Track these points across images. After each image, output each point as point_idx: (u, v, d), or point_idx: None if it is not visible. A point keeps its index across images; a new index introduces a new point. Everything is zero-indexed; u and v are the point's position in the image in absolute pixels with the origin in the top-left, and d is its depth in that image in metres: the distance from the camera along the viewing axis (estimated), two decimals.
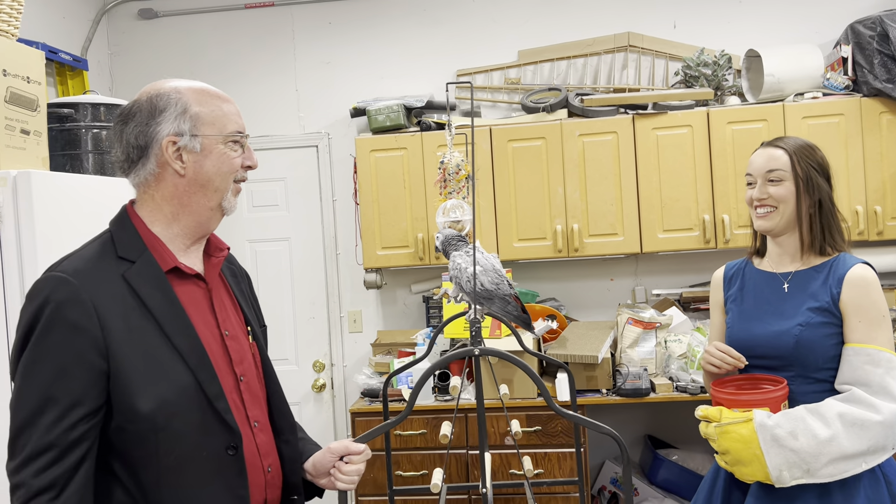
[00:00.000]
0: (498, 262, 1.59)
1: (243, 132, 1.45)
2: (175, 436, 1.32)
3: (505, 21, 3.88)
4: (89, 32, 3.90)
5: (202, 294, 1.45)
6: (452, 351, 1.70)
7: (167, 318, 1.35)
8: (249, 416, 1.45)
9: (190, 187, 1.40)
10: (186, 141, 1.38)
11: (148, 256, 1.38)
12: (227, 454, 1.37)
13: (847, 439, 1.70)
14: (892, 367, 1.73)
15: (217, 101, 1.43)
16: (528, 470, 1.98)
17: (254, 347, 1.52)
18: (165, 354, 1.33)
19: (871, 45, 3.28)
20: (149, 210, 1.41)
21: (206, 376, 1.36)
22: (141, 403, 1.29)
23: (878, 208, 3.32)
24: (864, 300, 1.79)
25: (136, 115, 1.38)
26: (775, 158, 1.89)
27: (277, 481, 1.49)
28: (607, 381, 3.21)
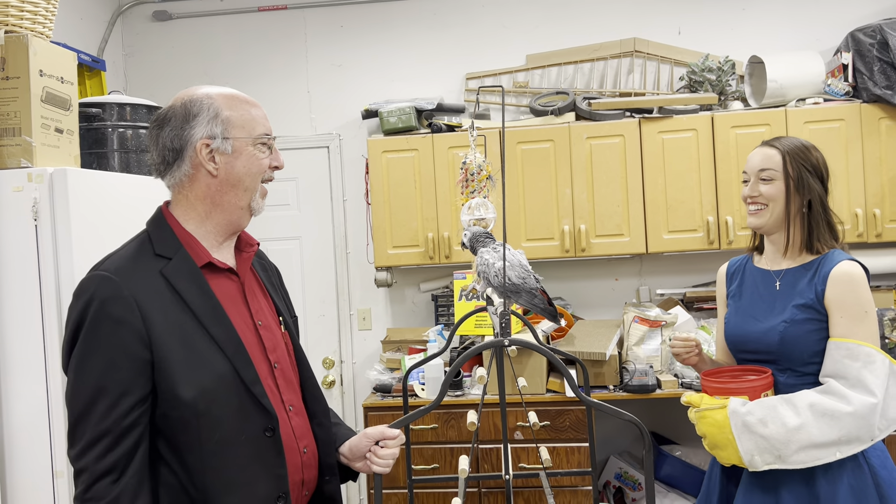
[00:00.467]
0: (524, 258, 1.67)
1: (270, 134, 1.54)
2: (215, 420, 1.40)
3: (514, 26, 3.97)
4: (105, 34, 3.97)
5: (235, 287, 1.53)
6: (483, 343, 1.78)
7: (203, 310, 1.43)
8: (284, 400, 1.52)
9: (222, 187, 1.48)
10: (219, 143, 1.46)
11: (183, 253, 1.46)
12: (265, 436, 1.45)
13: (816, 428, 1.77)
14: (870, 362, 1.80)
15: (246, 106, 1.52)
16: (546, 460, 2.06)
17: (286, 336, 1.60)
18: (203, 344, 1.41)
19: (871, 53, 3.38)
20: (183, 209, 1.50)
21: (242, 363, 1.44)
22: (183, 391, 1.37)
23: (876, 211, 3.41)
24: (848, 296, 1.85)
25: (172, 119, 1.48)
26: (769, 158, 1.97)
27: (313, 462, 1.56)
28: (614, 377, 3.29)
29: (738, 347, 2.04)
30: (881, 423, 1.80)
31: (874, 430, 1.79)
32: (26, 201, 2.15)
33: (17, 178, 2.15)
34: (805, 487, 1.84)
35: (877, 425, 1.79)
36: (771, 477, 1.87)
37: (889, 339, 3.18)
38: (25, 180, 2.15)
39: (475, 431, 2.10)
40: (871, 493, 1.81)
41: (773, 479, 1.87)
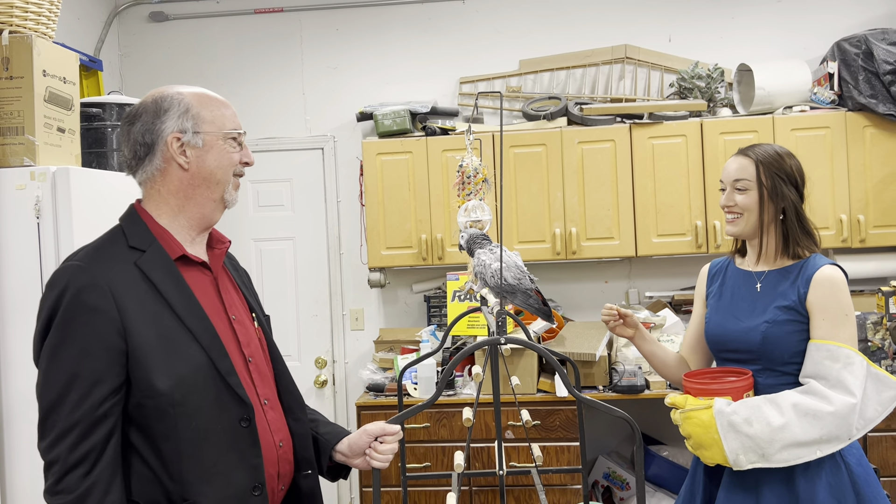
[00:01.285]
0: (519, 259, 1.72)
1: (241, 130, 1.57)
2: (192, 410, 1.40)
3: (507, 31, 4.02)
4: (102, 34, 4.00)
5: (209, 281, 1.55)
6: (478, 341, 1.83)
7: (179, 301, 1.45)
8: (259, 394, 1.53)
9: (194, 180, 1.51)
10: (189, 137, 1.49)
11: (157, 246, 1.47)
12: (241, 426, 1.45)
13: (799, 427, 1.83)
14: (850, 363, 1.86)
15: (216, 103, 1.55)
16: (538, 457, 2.11)
17: (259, 332, 1.61)
18: (179, 335, 1.43)
19: (857, 62, 3.46)
20: (155, 204, 1.51)
21: (217, 354, 1.45)
22: (158, 380, 1.38)
23: (861, 217, 3.49)
24: (829, 299, 1.90)
25: (143, 115, 1.50)
26: (743, 168, 2.01)
27: (289, 456, 1.57)
28: (604, 378, 3.35)
29: (718, 346, 2.08)
30: (859, 422, 1.86)
31: (852, 429, 1.84)
32: (29, 199, 2.18)
33: (20, 177, 2.19)
34: (785, 486, 1.89)
35: (855, 425, 1.84)
36: (752, 476, 1.92)
37: (872, 342, 3.26)
38: (28, 179, 2.19)
39: (469, 429, 2.15)
40: (848, 491, 1.87)
41: (754, 478, 1.91)
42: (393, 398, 3.41)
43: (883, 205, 3.50)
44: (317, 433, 1.68)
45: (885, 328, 3.26)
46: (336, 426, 1.73)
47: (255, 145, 4.15)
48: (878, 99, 3.42)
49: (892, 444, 3.12)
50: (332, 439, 1.67)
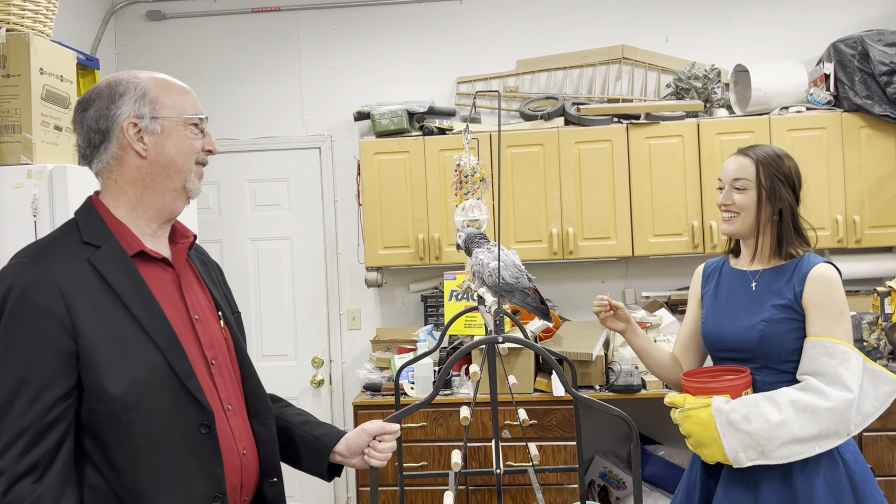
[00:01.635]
0: (517, 258, 1.73)
1: (202, 115, 1.48)
2: (147, 415, 1.33)
3: (505, 32, 4.03)
4: (98, 32, 3.99)
5: (170, 278, 1.46)
6: (476, 339, 1.83)
7: (134, 300, 1.36)
8: (222, 398, 1.46)
9: (153, 168, 1.42)
10: (147, 123, 1.40)
11: (113, 241, 1.39)
12: (201, 433, 1.38)
13: (798, 424, 1.84)
14: (846, 359, 1.88)
15: (175, 88, 1.47)
16: (535, 456, 2.11)
17: (225, 332, 1.53)
18: (134, 336, 1.35)
19: (853, 63, 3.47)
20: (112, 195, 1.43)
21: (175, 356, 1.37)
22: (111, 383, 1.31)
23: (856, 217, 3.50)
24: (825, 297, 1.92)
25: (97, 100, 1.41)
26: (743, 167, 2.03)
27: (253, 465, 1.50)
28: (600, 377, 3.36)
29: (716, 346, 2.10)
30: (856, 418, 1.87)
31: (850, 425, 1.86)
32: (26, 197, 2.18)
33: (17, 175, 2.18)
34: (783, 483, 1.91)
35: (853, 420, 1.86)
36: (750, 473, 1.93)
37: (867, 342, 3.27)
38: (25, 177, 2.19)
39: (466, 428, 2.15)
40: (846, 487, 1.88)
41: (753, 475, 1.93)
42: (390, 397, 3.41)
43: (878, 205, 3.51)
44: (312, 435, 1.63)
45: (880, 328, 3.27)
46: (330, 426, 1.68)
47: (252, 144, 4.15)
48: (874, 100, 3.43)
49: (887, 443, 3.13)
50: (329, 441, 1.62)
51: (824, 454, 1.89)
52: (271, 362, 4.15)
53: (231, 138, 4.14)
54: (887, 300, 3.34)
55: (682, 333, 2.25)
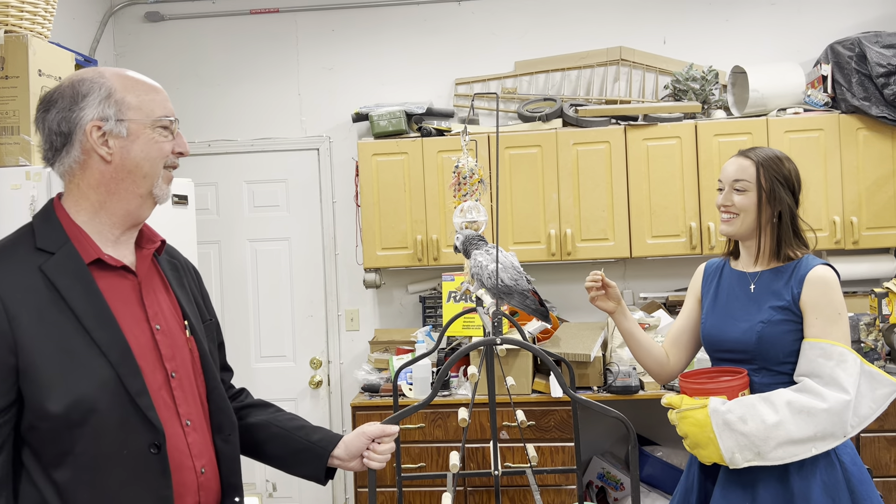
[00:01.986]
0: (516, 260, 1.73)
1: (172, 117, 1.41)
2: (93, 433, 1.27)
3: (503, 33, 4.03)
4: (97, 33, 3.99)
5: (130, 287, 1.39)
6: (474, 341, 1.83)
7: (86, 311, 1.30)
8: (181, 413, 1.39)
9: (117, 174, 1.35)
10: (112, 125, 1.33)
11: (69, 248, 1.33)
12: (150, 453, 1.32)
13: (794, 425, 1.85)
14: (843, 361, 1.88)
15: (143, 87, 1.39)
16: (533, 457, 2.12)
17: (191, 342, 1.47)
18: (83, 349, 1.28)
19: (850, 65, 3.48)
20: (74, 200, 1.37)
21: (127, 371, 1.30)
22: (52, 400, 1.25)
23: (853, 219, 3.51)
24: (822, 298, 1.93)
25: (59, 101, 1.35)
26: (743, 169, 2.04)
27: (213, 483, 1.44)
28: (598, 378, 3.36)
29: (714, 347, 2.11)
30: (853, 420, 1.88)
31: (847, 426, 1.86)
32: (24, 199, 2.18)
33: (16, 176, 2.18)
34: (780, 484, 1.91)
35: (849, 422, 1.87)
36: (748, 475, 1.94)
37: (865, 343, 3.28)
38: (23, 178, 2.19)
39: (465, 429, 2.15)
40: (843, 489, 1.89)
41: (750, 476, 1.93)
42: (388, 399, 3.41)
43: (876, 207, 3.52)
44: (309, 441, 1.60)
45: (877, 329, 3.27)
46: (326, 431, 1.65)
47: (250, 146, 4.15)
48: (872, 101, 3.44)
49: (884, 444, 3.14)
50: (327, 445, 1.60)
51: (821, 455, 1.89)
52: (270, 363, 4.15)
53: (229, 139, 4.14)
54: (885, 301, 3.35)
55: (674, 327, 2.25)
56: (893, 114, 3.42)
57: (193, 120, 4.13)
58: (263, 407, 1.68)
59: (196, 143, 4.14)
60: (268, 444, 1.62)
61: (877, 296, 3.34)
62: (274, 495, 4.08)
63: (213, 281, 4.16)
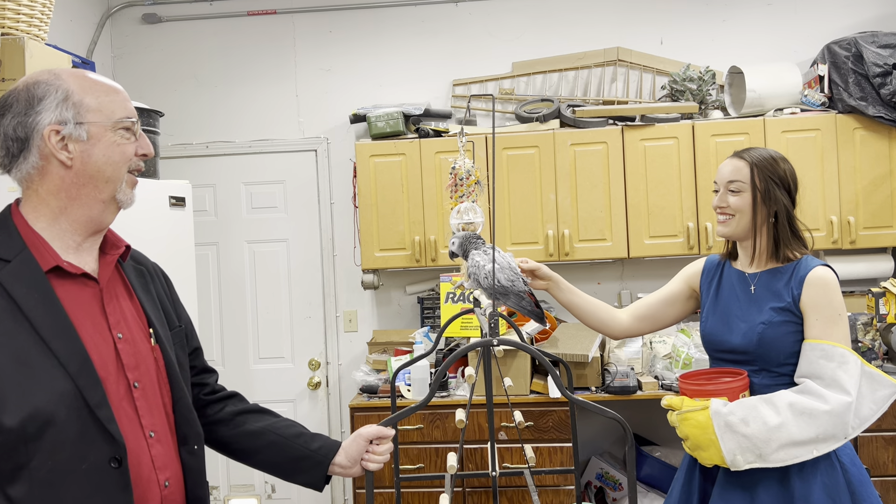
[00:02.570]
0: (514, 261, 1.73)
1: (133, 118, 1.37)
2: (50, 447, 1.23)
3: (500, 34, 4.04)
4: (94, 35, 3.99)
5: (91, 295, 1.35)
6: (471, 343, 1.83)
7: (44, 320, 1.26)
8: (144, 425, 1.35)
9: (78, 179, 1.31)
10: (71, 129, 1.29)
11: (26, 255, 1.29)
12: (110, 467, 1.27)
13: (796, 427, 1.85)
14: (844, 362, 1.88)
15: (102, 88, 1.35)
16: (531, 458, 2.12)
17: (156, 351, 1.42)
18: (39, 359, 1.24)
19: (847, 65, 3.48)
20: (32, 206, 1.33)
21: (86, 382, 1.26)
22: (7, 414, 1.20)
23: (851, 219, 3.52)
24: (822, 299, 1.93)
25: (14, 105, 1.31)
26: (738, 170, 2.04)
27: (178, 497, 1.41)
28: (596, 379, 3.36)
29: (714, 348, 2.10)
30: (854, 421, 1.88)
31: (848, 428, 1.86)
32: None
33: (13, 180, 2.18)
34: (780, 486, 1.91)
35: (850, 423, 1.87)
36: (748, 476, 1.93)
37: (862, 342, 3.28)
38: None
39: (462, 430, 2.16)
40: (843, 491, 1.89)
41: (750, 478, 1.93)
42: (386, 400, 3.41)
43: (873, 206, 3.52)
44: (309, 449, 1.59)
45: (874, 329, 3.28)
46: (325, 438, 1.64)
47: (248, 147, 4.15)
48: (868, 101, 3.45)
49: (882, 443, 3.14)
50: (328, 453, 1.59)
51: (822, 457, 1.89)
52: (268, 365, 4.15)
53: (227, 141, 4.14)
54: (882, 301, 3.36)
55: (647, 299, 2.26)
56: (890, 113, 3.43)
57: (191, 121, 4.13)
58: (261, 413, 1.67)
59: (194, 145, 4.14)
60: (266, 451, 1.61)
61: (874, 295, 3.34)
62: (272, 496, 4.08)
63: (211, 283, 4.16)
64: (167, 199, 2.90)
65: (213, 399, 1.65)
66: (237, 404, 1.67)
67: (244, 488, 3.33)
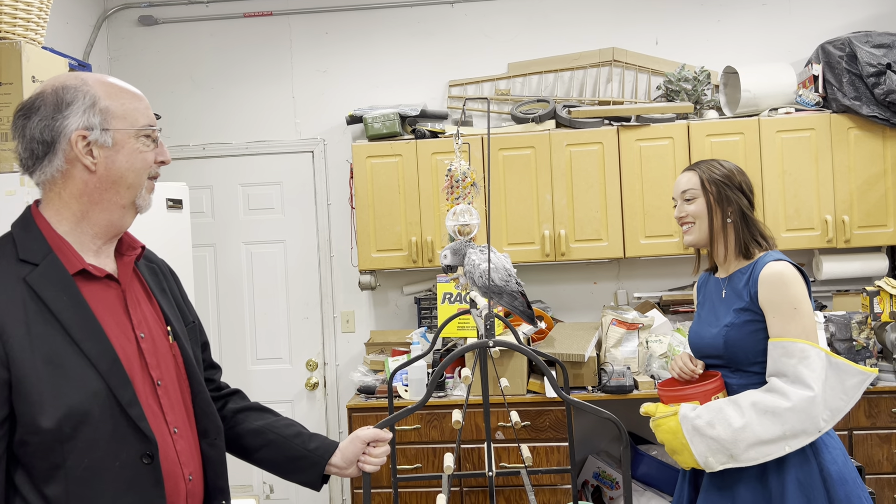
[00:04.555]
0: (509, 262, 1.75)
1: (154, 126, 1.40)
2: (85, 446, 1.25)
3: (495, 35, 4.05)
4: (91, 38, 4.00)
5: (115, 296, 1.38)
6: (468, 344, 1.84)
7: (74, 322, 1.28)
8: (168, 421, 1.38)
9: (101, 184, 1.34)
10: (97, 135, 1.32)
11: (53, 258, 1.31)
12: (143, 463, 1.31)
13: (760, 426, 1.88)
14: (805, 357, 1.91)
15: (126, 95, 1.38)
16: (528, 458, 2.13)
17: (174, 348, 1.45)
18: (72, 361, 1.27)
19: (841, 65, 3.50)
20: (55, 209, 1.35)
21: (117, 382, 1.29)
22: (44, 415, 1.23)
23: (845, 218, 3.53)
24: (776, 295, 1.96)
25: (41, 108, 1.32)
26: (688, 180, 2.15)
27: (198, 490, 1.44)
28: (593, 378, 3.38)
29: (697, 353, 2.17)
30: (825, 414, 1.91)
31: (819, 421, 1.89)
32: (19, 205, 2.17)
33: (10, 183, 2.19)
34: (759, 483, 1.95)
35: (821, 416, 1.89)
36: (729, 476, 1.97)
37: (857, 341, 3.30)
38: (18, 185, 2.19)
39: (459, 430, 2.17)
40: (818, 486, 1.91)
41: (731, 476, 1.97)
42: (384, 400, 3.42)
43: (867, 205, 3.54)
44: (307, 449, 1.61)
45: (869, 327, 3.30)
46: (323, 438, 1.66)
47: (244, 148, 4.16)
48: (862, 101, 3.46)
49: (876, 441, 3.16)
50: (324, 453, 1.61)
51: (794, 453, 1.92)
52: (266, 365, 4.16)
53: (224, 142, 4.15)
54: (876, 299, 3.37)
55: None
56: (884, 113, 3.44)
57: (188, 123, 4.14)
58: (261, 411, 1.69)
59: (190, 147, 4.15)
60: (264, 449, 1.63)
61: (868, 294, 3.36)
62: (271, 497, 4.09)
63: (209, 284, 4.17)
64: (164, 201, 2.90)
65: (216, 396, 1.67)
66: (238, 402, 1.69)
67: (242, 489, 3.34)
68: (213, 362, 1.70)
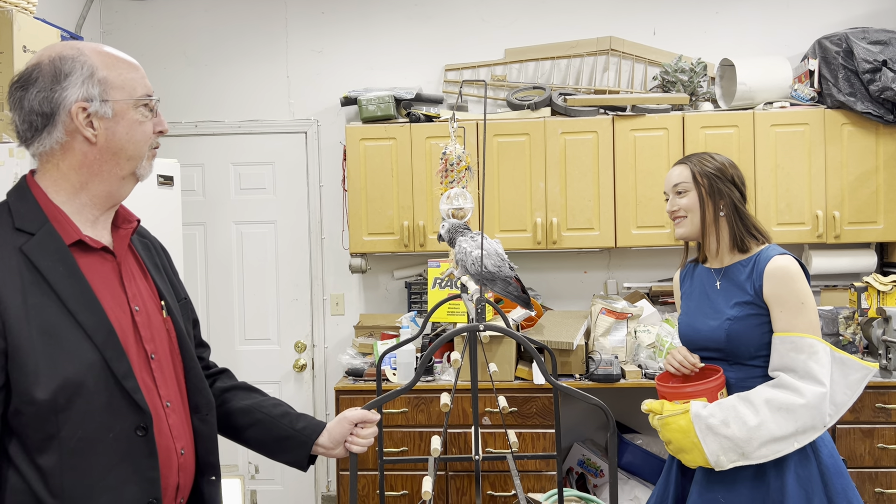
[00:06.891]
0: (500, 248, 1.74)
1: (152, 95, 1.39)
2: (79, 417, 1.25)
3: (493, 20, 4.03)
4: (83, 10, 3.95)
5: (110, 268, 1.37)
6: (457, 327, 1.84)
7: (70, 293, 1.28)
8: (161, 395, 1.39)
9: (102, 155, 1.33)
10: (97, 106, 1.30)
11: (49, 228, 1.30)
12: (137, 435, 1.31)
13: (774, 423, 1.88)
14: (814, 352, 1.91)
15: (124, 65, 1.36)
16: (514, 443, 2.14)
17: (168, 323, 1.46)
18: (68, 331, 1.26)
19: (837, 61, 3.50)
20: (52, 180, 1.33)
21: (113, 354, 1.29)
22: (39, 386, 1.23)
23: (836, 213, 3.55)
24: (783, 290, 1.95)
25: (39, 79, 1.29)
26: (679, 174, 2.14)
27: (190, 464, 1.44)
28: (580, 366, 3.39)
29: (690, 346, 2.15)
30: (830, 409, 1.91)
31: (825, 417, 1.90)
32: (7, 176, 2.16)
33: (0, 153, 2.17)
34: (757, 479, 1.94)
35: (827, 412, 1.90)
36: (723, 472, 1.96)
37: (843, 336, 3.32)
38: (7, 155, 2.17)
39: (447, 414, 2.17)
40: (816, 481, 1.92)
41: (729, 472, 1.96)
42: (372, 383, 3.43)
43: (858, 202, 3.56)
44: (294, 429, 1.60)
45: (856, 323, 3.32)
46: (310, 418, 1.65)
47: (237, 127, 4.13)
48: (857, 97, 3.47)
49: (859, 435, 3.19)
50: (311, 433, 1.60)
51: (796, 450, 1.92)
52: (254, 346, 4.15)
53: (216, 120, 4.12)
54: (864, 295, 3.40)
55: None
56: (878, 110, 3.45)
57: (180, 100, 4.10)
58: (248, 391, 1.68)
59: (182, 124, 4.11)
60: (251, 429, 1.62)
61: (856, 290, 3.38)
62: (256, 477, 4.10)
63: (198, 263, 4.15)
64: (155, 177, 2.88)
65: (205, 374, 1.64)
66: (226, 381, 1.68)
67: (228, 468, 3.34)
68: (202, 340, 1.69)
